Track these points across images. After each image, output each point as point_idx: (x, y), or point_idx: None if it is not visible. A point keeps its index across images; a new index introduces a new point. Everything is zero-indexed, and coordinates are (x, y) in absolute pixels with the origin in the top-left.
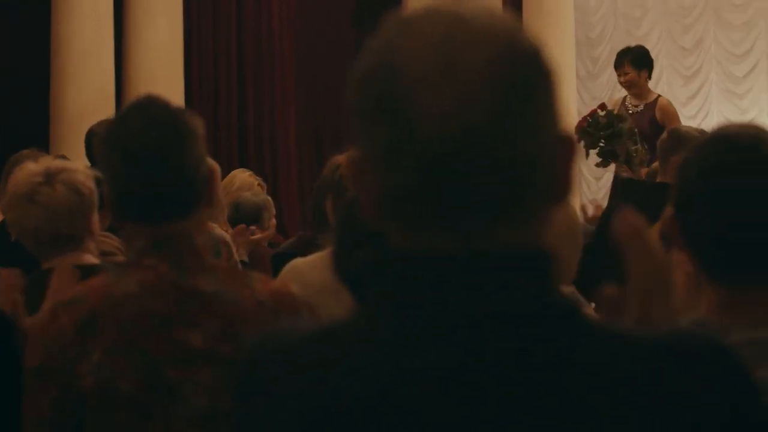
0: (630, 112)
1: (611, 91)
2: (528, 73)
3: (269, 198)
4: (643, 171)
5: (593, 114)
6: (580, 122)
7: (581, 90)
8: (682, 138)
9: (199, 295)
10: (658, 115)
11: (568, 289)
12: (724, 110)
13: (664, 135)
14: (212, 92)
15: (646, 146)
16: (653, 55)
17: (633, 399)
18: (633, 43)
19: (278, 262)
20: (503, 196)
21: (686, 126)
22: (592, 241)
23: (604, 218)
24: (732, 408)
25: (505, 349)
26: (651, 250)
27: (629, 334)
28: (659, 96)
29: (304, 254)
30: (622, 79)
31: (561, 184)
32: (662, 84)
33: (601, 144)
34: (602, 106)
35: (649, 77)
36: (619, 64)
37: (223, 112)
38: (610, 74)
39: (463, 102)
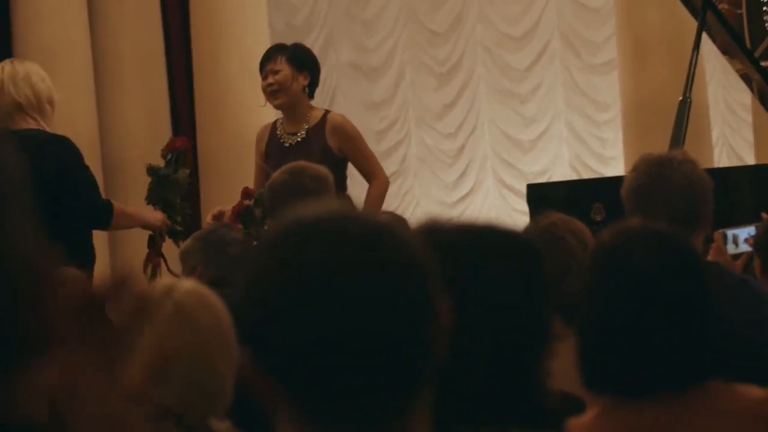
0: (287, 144)
1: None
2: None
3: None
4: None
5: (242, 209)
6: (233, 220)
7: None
8: None
9: None
10: (332, 141)
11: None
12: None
13: None
14: None
15: None
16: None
17: None
18: None
19: None
20: None
21: None
22: None
23: None
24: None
25: None
26: None
27: None
28: (328, 112)
29: None
30: (271, 80)
31: (41, 330)
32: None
33: None
34: (247, 194)
35: (311, 95)
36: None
37: None
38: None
39: None
